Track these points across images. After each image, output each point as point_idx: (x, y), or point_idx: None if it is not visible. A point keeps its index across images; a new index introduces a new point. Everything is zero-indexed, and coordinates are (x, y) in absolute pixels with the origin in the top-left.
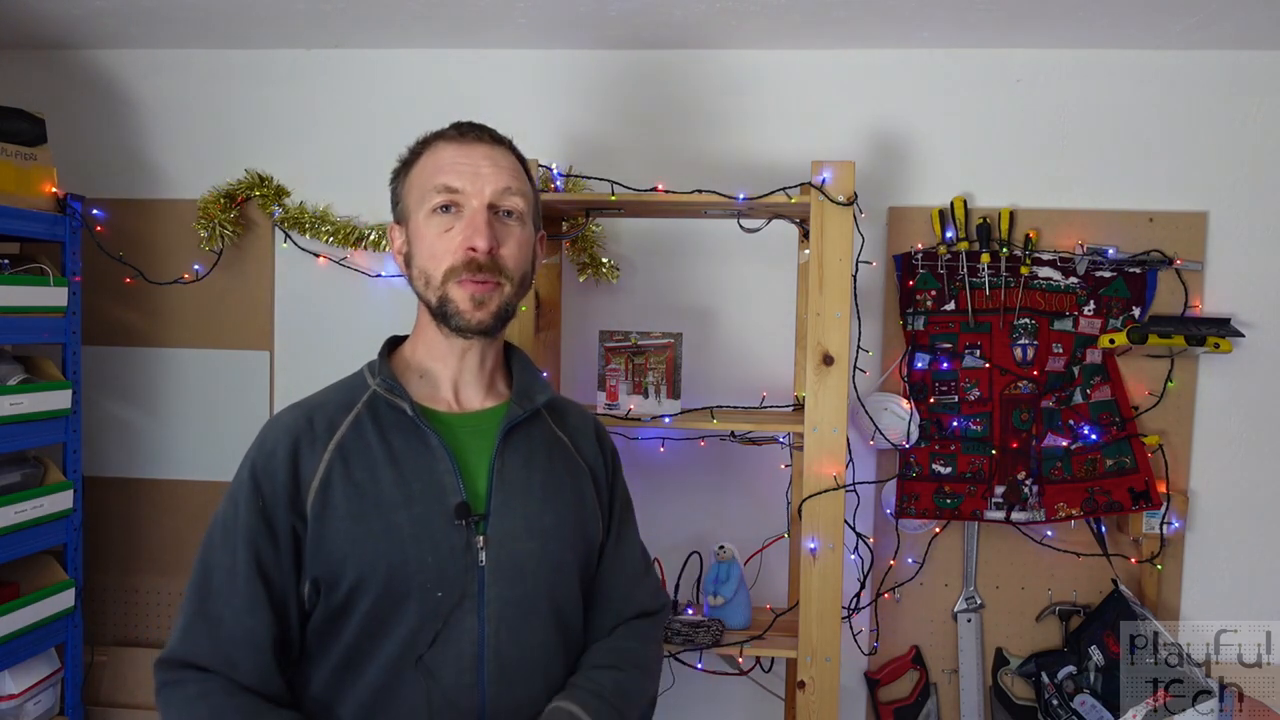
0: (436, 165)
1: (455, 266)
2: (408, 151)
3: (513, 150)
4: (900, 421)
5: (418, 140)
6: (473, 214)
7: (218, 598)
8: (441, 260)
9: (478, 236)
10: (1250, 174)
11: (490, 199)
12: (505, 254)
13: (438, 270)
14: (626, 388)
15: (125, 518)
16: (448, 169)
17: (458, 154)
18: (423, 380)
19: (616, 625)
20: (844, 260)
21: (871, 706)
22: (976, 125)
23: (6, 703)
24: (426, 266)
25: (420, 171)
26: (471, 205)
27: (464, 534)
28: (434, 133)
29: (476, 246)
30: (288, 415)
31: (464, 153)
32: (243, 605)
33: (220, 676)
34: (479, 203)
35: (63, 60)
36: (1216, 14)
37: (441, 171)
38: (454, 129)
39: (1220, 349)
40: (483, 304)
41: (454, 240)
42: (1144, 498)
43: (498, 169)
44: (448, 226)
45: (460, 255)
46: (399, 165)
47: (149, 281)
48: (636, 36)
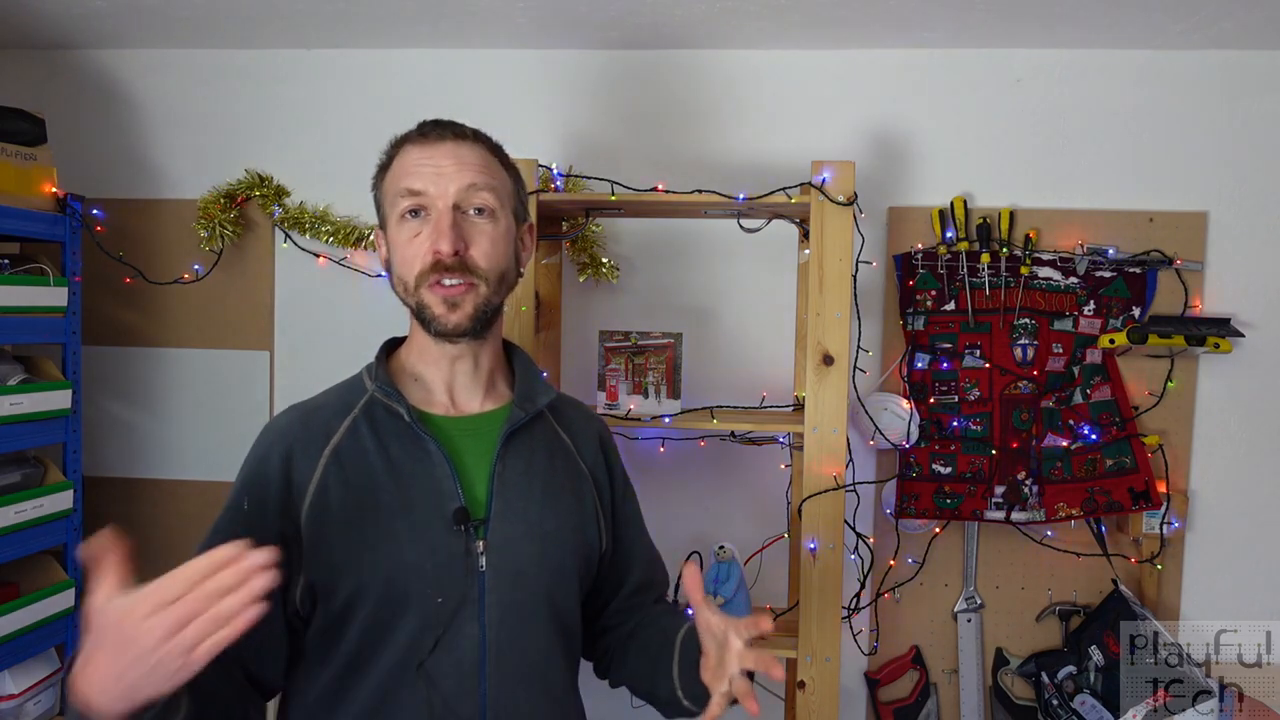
0: (403, 168)
1: (424, 271)
2: (383, 156)
3: (482, 142)
4: (900, 421)
5: (390, 144)
6: (438, 216)
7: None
8: (413, 265)
9: (441, 239)
10: (1250, 174)
11: (455, 199)
12: (475, 253)
13: (410, 275)
14: (626, 388)
15: (125, 518)
16: (411, 172)
17: (421, 155)
18: (418, 384)
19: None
20: (844, 260)
21: (871, 706)
22: (976, 125)
23: (6, 703)
24: (401, 272)
25: (391, 176)
26: (437, 207)
27: (463, 539)
28: (403, 135)
29: (440, 249)
30: (283, 419)
31: (427, 153)
32: None
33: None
34: (444, 204)
35: (63, 60)
36: (1216, 14)
37: (406, 174)
38: (418, 129)
39: (1220, 349)
40: (456, 306)
41: (422, 245)
42: (1144, 498)
43: (461, 166)
44: (416, 231)
45: (429, 259)
46: (377, 170)
47: (149, 281)
48: (637, 36)
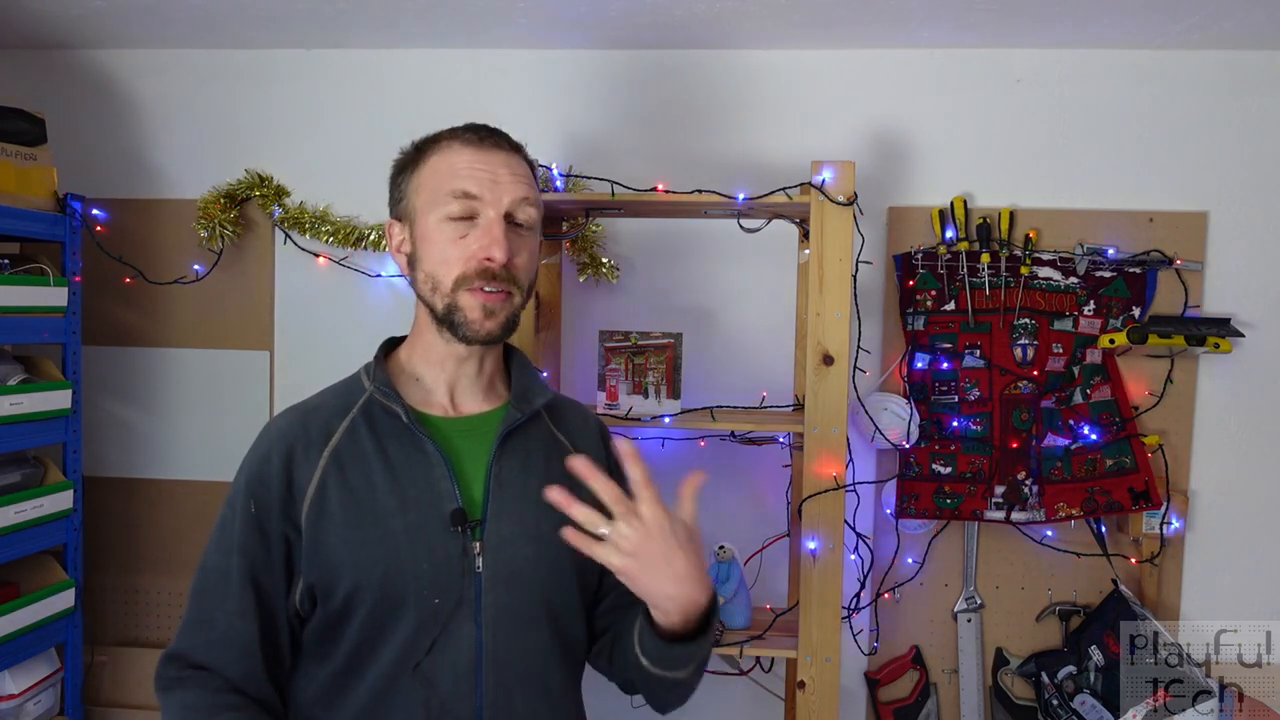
0: (452, 168)
1: (467, 274)
2: (413, 147)
3: (526, 159)
4: (900, 421)
5: (426, 137)
6: (489, 223)
7: (212, 601)
8: (454, 267)
9: (495, 247)
10: (1250, 174)
11: (508, 208)
12: (518, 264)
13: (448, 277)
14: (626, 388)
15: (125, 518)
16: (464, 174)
17: (475, 159)
18: (418, 384)
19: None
20: (844, 260)
21: (871, 706)
22: (976, 125)
23: (6, 703)
24: (436, 271)
25: (432, 171)
26: (488, 214)
27: (460, 540)
28: (448, 130)
29: (494, 257)
30: (283, 420)
31: (482, 158)
32: (235, 610)
33: (218, 675)
34: (495, 212)
35: (63, 60)
36: (1216, 14)
37: (458, 176)
38: (471, 131)
39: (1220, 349)
40: (493, 314)
41: (469, 248)
42: (1144, 498)
43: (515, 178)
44: (462, 233)
45: (475, 264)
46: (404, 159)
47: (149, 281)
48: (636, 36)
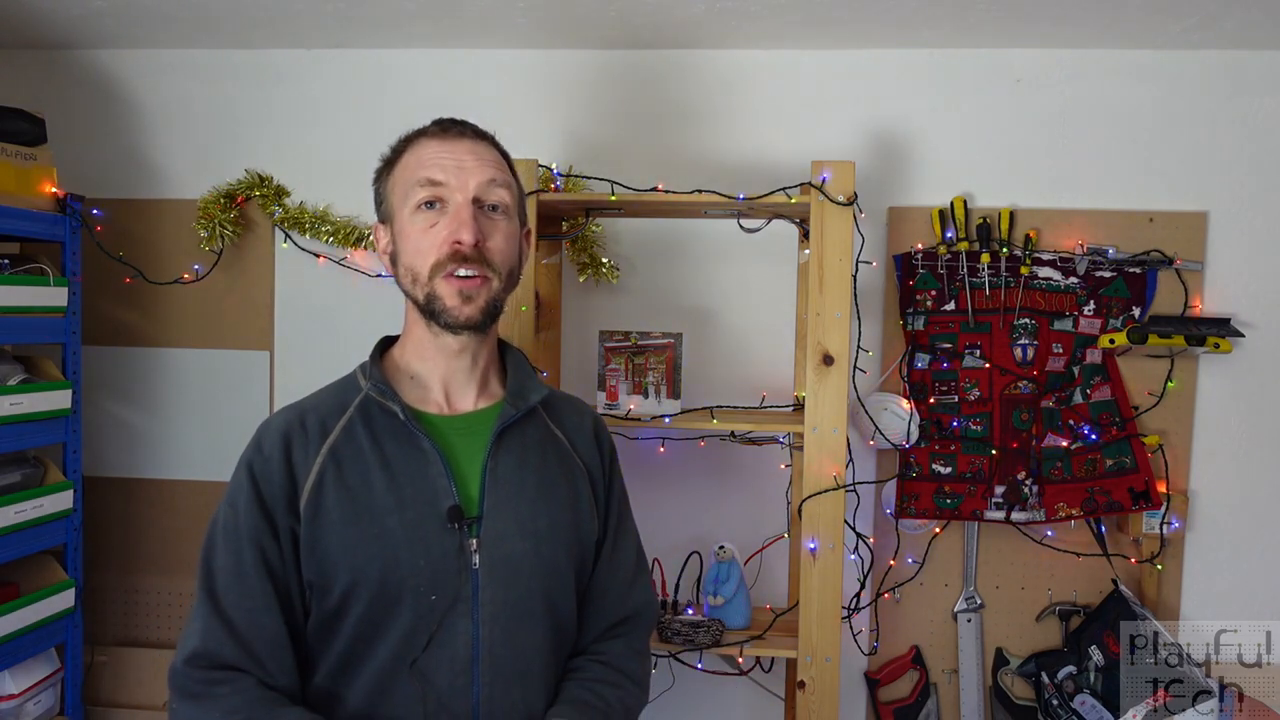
0: (419, 161)
1: (441, 261)
2: (390, 150)
3: (495, 145)
4: (900, 421)
5: (400, 138)
6: (457, 208)
7: (231, 599)
8: (427, 256)
9: (463, 230)
10: (1250, 174)
11: (475, 192)
12: (491, 247)
13: (424, 266)
14: (626, 388)
15: (125, 518)
16: (430, 163)
17: (440, 149)
18: (413, 382)
19: (608, 628)
20: (844, 260)
21: (871, 706)
22: (976, 125)
23: (6, 703)
24: (413, 263)
25: (403, 168)
26: (456, 199)
27: (457, 537)
28: (416, 130)
29: (462, 240)
30: (281, 418)
31: (447, 147)
32: (258, 605)
33: (252, 676)
34: (463, 196)
35: (63, 60)
36: (1216, 14)
37: (424, 166)
38: (435, 125)
39: (1220, 349)
40: (470, 299)
41: (439, 235)
42: (1144, 498)
43: (481, 162)
44: (433, 222)
45: (446, 249)
46: (381, 164)
47: (149, 281)
48: (637, 37)
